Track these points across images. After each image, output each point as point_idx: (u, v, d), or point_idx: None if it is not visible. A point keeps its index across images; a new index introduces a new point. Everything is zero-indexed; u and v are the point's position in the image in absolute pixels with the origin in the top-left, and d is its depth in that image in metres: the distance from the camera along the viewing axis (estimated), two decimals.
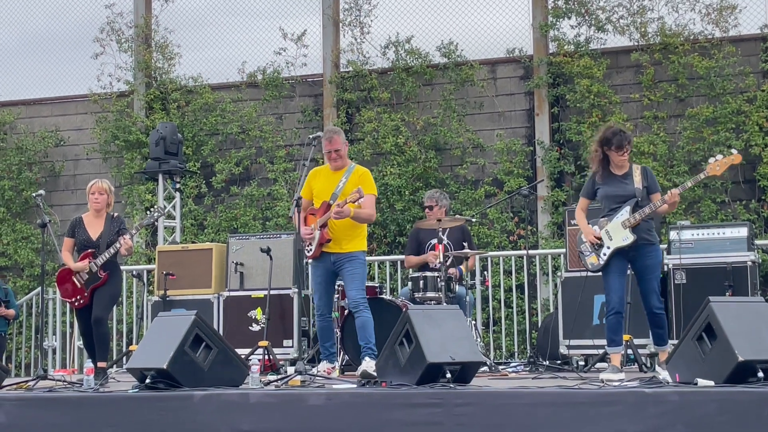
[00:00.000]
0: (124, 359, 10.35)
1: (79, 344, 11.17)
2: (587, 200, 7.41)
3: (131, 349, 9.66)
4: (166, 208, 11.79)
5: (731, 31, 11.74)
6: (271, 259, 9.21)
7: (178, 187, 12.27)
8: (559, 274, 9.36)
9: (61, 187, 13.85)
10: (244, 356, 7.86)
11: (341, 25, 13.11)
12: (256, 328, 9.44)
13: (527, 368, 8.48)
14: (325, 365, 7.69)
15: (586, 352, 8.67)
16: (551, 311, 10.23)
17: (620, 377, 6.67)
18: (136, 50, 13.73)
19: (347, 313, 8.64)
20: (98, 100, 13.72)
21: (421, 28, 12.81)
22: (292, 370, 7.24)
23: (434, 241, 8.75)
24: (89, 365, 6.82)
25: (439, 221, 8.72)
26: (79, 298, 8.11)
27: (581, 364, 8.67)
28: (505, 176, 12.06)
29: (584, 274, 8.06)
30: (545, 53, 12.26)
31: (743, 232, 8.70)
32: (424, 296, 8.67)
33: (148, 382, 6.15)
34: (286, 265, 9.42)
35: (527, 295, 10.32)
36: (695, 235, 8.77)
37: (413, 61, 12.64)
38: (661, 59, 11.79)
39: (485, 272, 10.46)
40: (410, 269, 9.40)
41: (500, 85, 12.54)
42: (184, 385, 6.11)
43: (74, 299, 8.14)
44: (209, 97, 13.29)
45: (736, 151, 7.43)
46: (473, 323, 8.98)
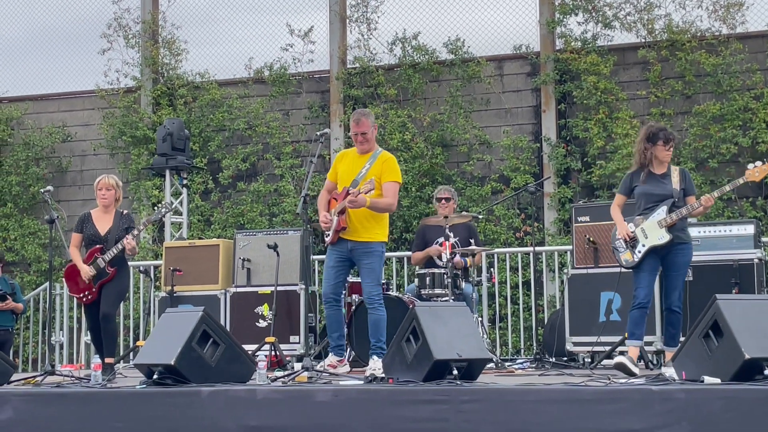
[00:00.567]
0: (131, 355, 10.39)
1: (86, 340, 11.21)
2: (624, 197, 7.44)
3: (138, 344, 9.68)
4: (173, 204, 11.85)
5: (738, 27, 11.73)
6: (278, 255, 9.21)
7: (185, 183, 12.28)
8: (565, 270, 9.37)
9: (68, 182, 13.88)
10: (250, 352, 7.87)
11: (348, 21, 13.11)
12: (262, 324, 9.46)
13: (533, 365, 8.48)
14: (331, 359, 7.57)
15: (592, 349, 8.67)
16: (557, 308, 10.23)
17: (637, 370, 6.70)
18: (143, 46, 13.74)
19: (354, 308, 8.66)
20: (105, 95, 13.75)
21: (428, 24, 12.82)
22: (298, 366, 7.25)
23: (441, 239, 8.76)
24: (97, 361, 6.83)
25: (446, 218, 8.74)
26: (87, 293, 8.14)
27: (587, 361, 8.68)
28: (511, 173, 12.06)
29: (591, 270, 8.07)
30: (552, 50, 12.25)
31: (750, 229, 8.70)
32: (430, 293, 8.68)
33: (155, 377, 6.16)
34: (293, 261, 9.43)
35: (533, 291, 10.32)
36: (702, 232, 8.76)
37: (420, 57, 12.64)
38: (668, 56, 11.78)
39: (492, 269, 10.48)
40: (417, 266, 9.41)
41: (507, 81, 12.53)
42: (191, 380, 6.12)
43: (82, 295, 8.17)
44: (216, 93, 13.31)
45: None
46: (479, 320, 8.99)
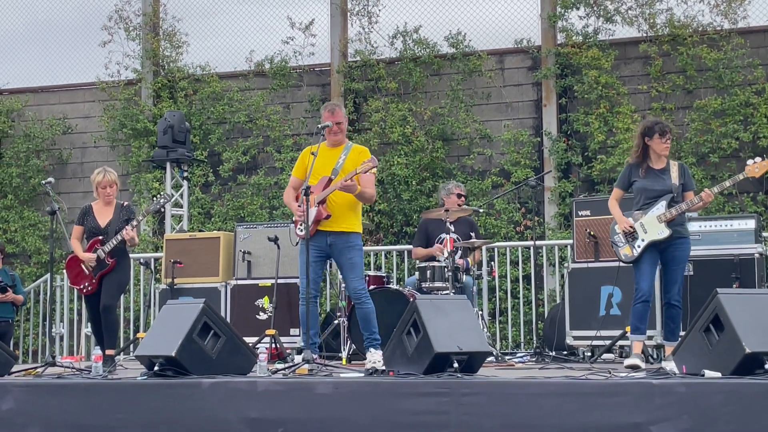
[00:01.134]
0: (131, 347, 10.41)
1: (86, 331, 11.22)
2: (622, 191, 7.45)
3: (139, 336, 9.69)
4: (173, 195, 11.85)
5: (740, 22, 11.72)
6: (278, 248, 9.22)
7: (185, 175, 12.29)
8: (565, 265, 9.38)
9: (68, 174, 13.88)
10: (251, 345, 7.88)
11: (349, 14, 13.10)
12: (263, 316, 9.47)
13: (533, 359, 8.50)
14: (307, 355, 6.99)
15: (592, 343, 8.68)
16: (557, 302, 10.24)
17: (644, 365, 6.71)
18: (144, 38, 13.74)
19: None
20: (106, 88, 13.74)
21: (429, 18, 12.81)
22: (299, 358, 7.25)
23: (444, 235, 8.77)
24: (97, 352, 6.84)
25: (446, 211, 8.74)
26: (87, 284, 8.16)
27: (587, 355, 8.69)
28: (512, 167, 12.06)
29: (591, 265, 8.08)
30: (553, 44, 12.24)
31: (751, 224, 8.71)
32: (431, 286, 8.69)
33: (156, 369, 6.17)
34: (293, 254, 9.38)
35: (534, 285, 10.33)
36: (703, 227, 8.77)
37: (421, 51, 12.63)
38: (669, 51, 11.77)
39: (492, 263, 10.49)
40: (417, 260, 9.42)
41: (508, 75, 12.53)
42: (192, 372, 6.13)
43: (82, 286, 8.19)
44: (217, 85, 13.30)
45: None
46: (480, 313, 9.00)
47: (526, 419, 5.36)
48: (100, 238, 8.12)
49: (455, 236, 8.84)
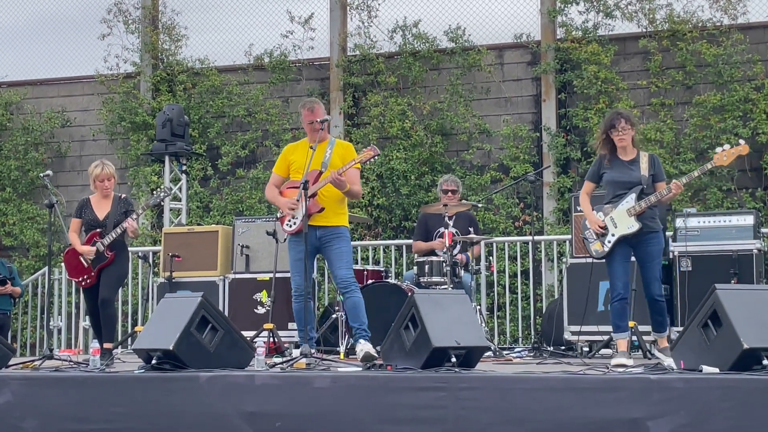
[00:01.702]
0: (129, 340, 10.40)
1: (84, 324, 11.22)
2: (592, 184, 7.40)
3: (137, 330, 9.69)
4: (172, 189, 11.85)
5: (740, 18, 11.70)
6: (276, 242, 9.19)
7: (184, 169, 12.28)
8: (564, 260, 9.37)
9: (67, 168, 13.86)
10: (249, 338, 7.88)
11: (348, 8, 13.08)
12: (261, 310, 9.47)
13: (531, 354, 8.50)
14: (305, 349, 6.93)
15: (590, 338, 8.68)
16: (556, 297, 10.24)
17: (631, 362, 6.70)
18: (143, 32, 13.71)
19: None
20: (105, 81, 13.72)
21: (428, 12, 12.79)
22: (296, 352, 7.25)
23: (443, 229, 8.77)
24: (95, 345, 6.84)
25: (445, 206, 8.74)
26: (86, 277, 8.15)
27: (585, 350, 8.69)
28: (511, 162, 12.05)
29: (590, 260, 8.03)
30: (553, 39, 12.23)
31: (749, 220, 8.71)
32: (429, 281, 8.69)
33: (154, 362, 6.17)
34: None
35: (532, 280, 10.32)
36: (701, 222, 8.78)
37: (420, 45, 12.62)
38: (668, 46, 11.76)
39: (490, 257, 10.48)
40: (416, 254, 9.42)
41: (507, 70, 12.51)
42: (190, 366, 6.13)
43: (81, 278, 8.18)
44: (216, 79, 13.28)
45: (743, 141, 7.39)
46: (478, 308, 9.00)
47: (523, 414, 5.37)
48: (98, 230, 8.11)
49: (454, 230, 8.84)
